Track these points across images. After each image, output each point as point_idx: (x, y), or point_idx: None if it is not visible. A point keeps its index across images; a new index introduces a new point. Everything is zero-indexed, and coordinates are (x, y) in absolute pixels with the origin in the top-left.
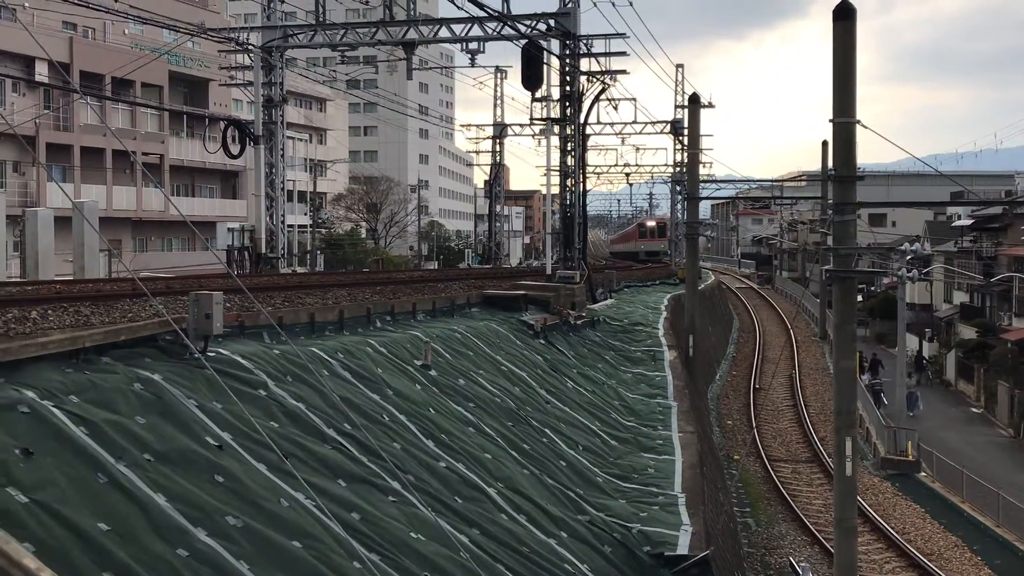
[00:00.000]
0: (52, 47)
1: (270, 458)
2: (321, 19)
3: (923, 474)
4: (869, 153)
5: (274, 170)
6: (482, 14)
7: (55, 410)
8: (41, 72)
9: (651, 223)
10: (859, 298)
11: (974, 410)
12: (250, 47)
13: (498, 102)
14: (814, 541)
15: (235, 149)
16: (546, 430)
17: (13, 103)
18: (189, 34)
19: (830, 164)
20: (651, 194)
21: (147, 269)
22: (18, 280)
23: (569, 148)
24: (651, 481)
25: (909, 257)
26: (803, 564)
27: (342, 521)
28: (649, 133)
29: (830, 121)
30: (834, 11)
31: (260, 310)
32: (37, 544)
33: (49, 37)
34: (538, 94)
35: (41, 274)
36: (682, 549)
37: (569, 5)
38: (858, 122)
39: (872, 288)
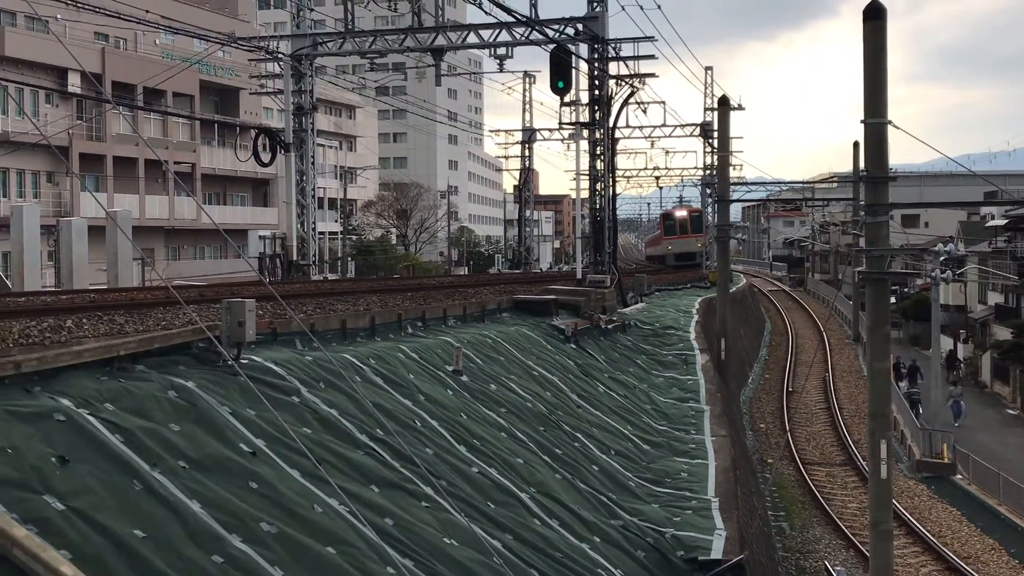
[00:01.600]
0: (84, 58)
1: (304, 464)
2: (350, 27)
3: (959, 476)
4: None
5: (305, 177)
6: (510, 19)
7: (91, 418)
8: (74, 83)
9: (680, 213)
10: (892, 300)
11: (1010, 411)
12: (280, 56)
13: (527, 107)
14: (849, 545)
15: (266, 157)
16: (578, 435)
17: (47, 114)
18: (220, 43)
19: (861, 165)
20: (681, 197)
21: (180, 277)
22: (53, 289)
23: (598, 152)
24: (684, 485)
25: (943, 258)
26: (838, 568)
27: (375, 527)
28: (678, 136)
29: (861, 122)
30: (864, 11)
31: (292, 317)
32: (74, 551)
33: (81, 48)
34: (567, 98)
35: (75, 283)
36: (716, 553)
37: (597, 9)
38: (890, 122)
39: (905, 290)
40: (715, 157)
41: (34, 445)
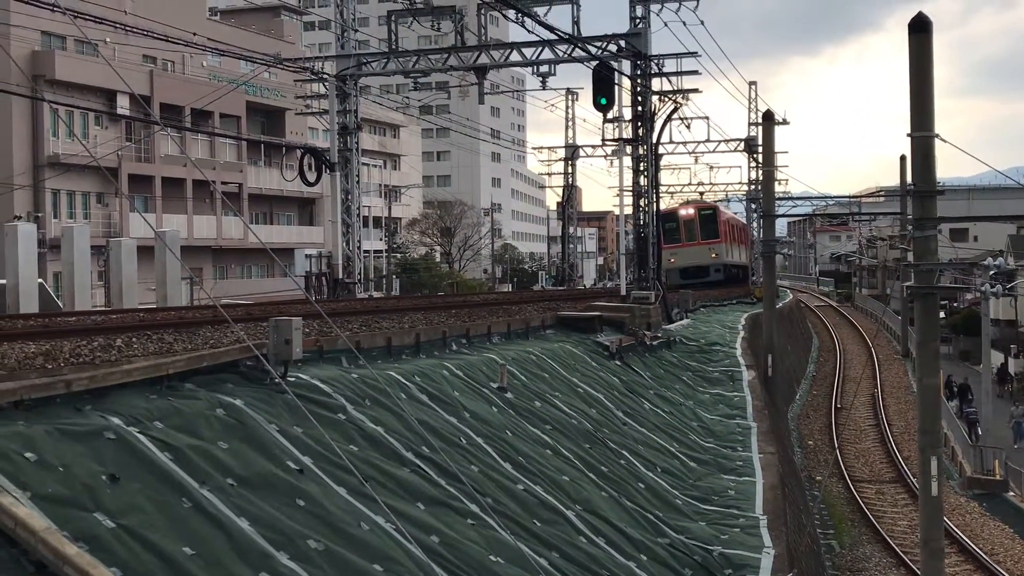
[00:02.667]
0: (133, 80)
1: (350, 482)
2: (394, 47)
3: (1011, 493)
4: (948, 167)
5: (350, 196)
6: (553, 37)
7: (140, 436)
8: (123, 105)
9: (686, 212)
10: (941, 315)
11: None
12: (325, 76)
13: (569, 124)
14: (900, 563)
15: (312, 176)
16: (624, 452)
17: (96, 136)
18: (266, 65)
19: (909, 179)
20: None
21: (228, 296)
22: (103, 309)
23: (642, 168)
24: (731, 503)
25: (992, 272)
26: None
27: (422, 544)
28: (723, 151)
29: (908, 135)
30: (910, 24)
31: (338, 335)
32: (124, 569)
33: (130, 71)
34: (610, 115)
35: (125, 302)
36: (764, 572)
37: (640, 25)
38: (937, 136)
39: (955, 304)
40: (760, 172)
41: (85, 463)
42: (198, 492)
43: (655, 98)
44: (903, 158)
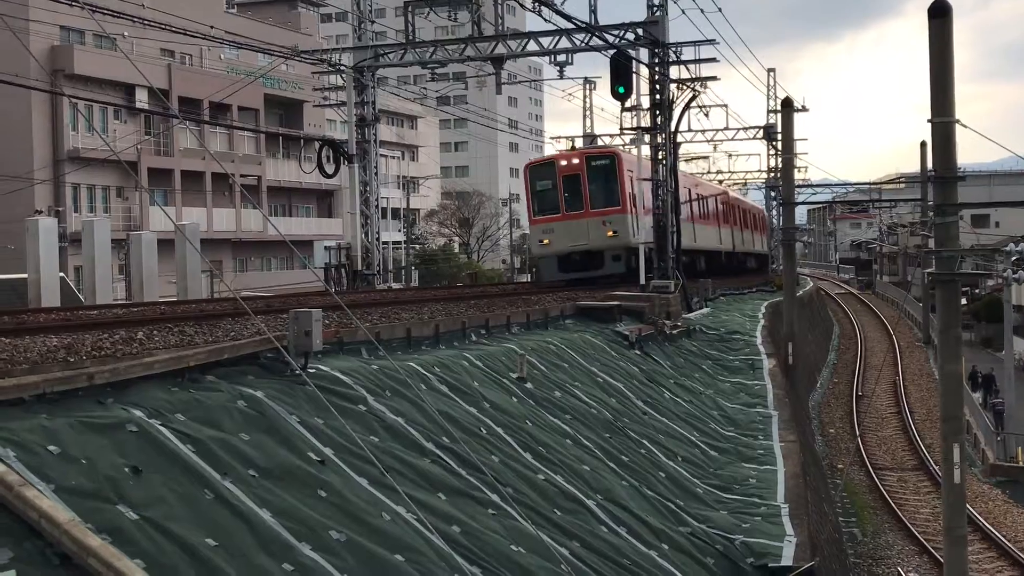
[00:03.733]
0: (152, 74)
1: (371, 472)
2: (411, 37)
3: None
4: (969, 153)
5: (368, 188)
6: (570, 26)
7: (162, 428)
8: (141, 99)
9: (567, 163)
10: (963, 301)
11: None
12: (342, 68)
13: (587, 113)
14: (923, 551)
15: (330, 168)
16: (644, 441)
17: (115, 130)
18: (283, 57)
19: (929, 165)
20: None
21: (248, 288)
22: (124, 302)
23: (660, 156)
24: (753, 491)
25: (1015, 258)
26: (912, 574)
27: (443, 534)
28: (741, 139)
29: (928, 121)
30: (929, 9)
31: (358, 326)
32: (147, 560)
33: (149, 65)
34: (628, 103)
35: (146, 295)
36: (786, 560)
37: (657, 13)
38: (957, 121)
39: (977, 291)
40: (779, 159)
41: (107, 455)
42: (220, 484)
43: (673, 86)
44: (923, 144)
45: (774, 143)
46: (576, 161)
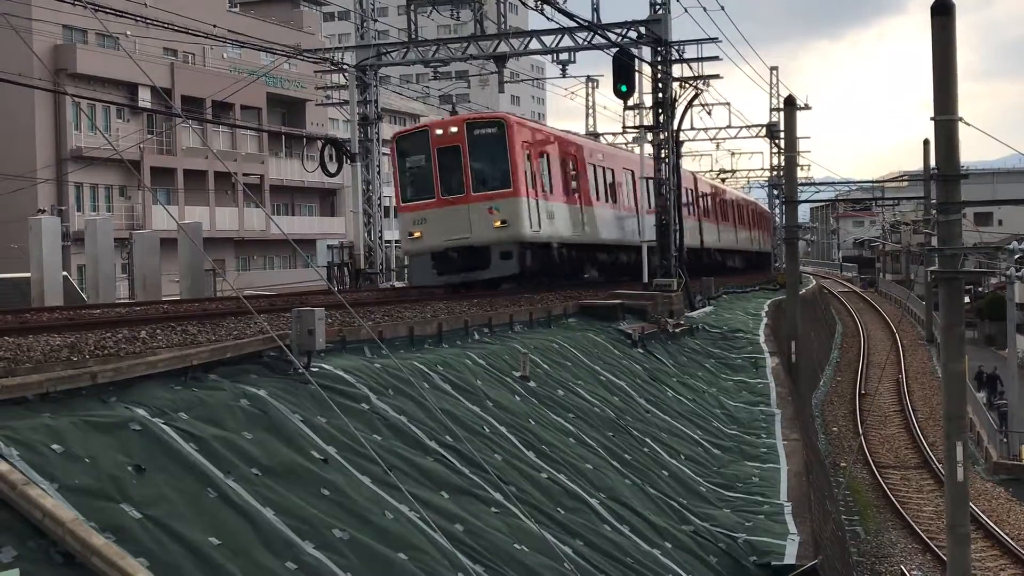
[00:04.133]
0: (154, 73)
1: (374, 471)
2: (413, 36)
3: None
4: (973, 150)
5: (371, 187)
6: (572, 24)
7: (165, 427)
8: (144, 98)
9: (442, 131)
10: (966, 299)
11: None
12: (345, 67)
13: (590, 111)
14: (926, 549)
15: (333, 167)
16: (647, 440)
17: (118, 129)
18: (286, 56)
19: (932, 163)
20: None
21: (250, 287)
22: (127, 301)
23: (663, 155)
24: (756, 490)
25: (1017, 256)
26: (915, 572)
27: (446, 533)
28: (744, 137)
29: (931, 119)
30: (932, 7)
31: (361, 325)
32: (151, 559)
33: (151, 64)
34: (630, 102)
35: (148, 294)
36: (789, 559)
37: (659, 12)
38: (960, 119)
39: (980, 289)
40: (782, 158)
41: (111, 454)
42: (223, 482)
43: (676, 84)
44: (926, 142)
45: (777, 141)
46: (455, 129)
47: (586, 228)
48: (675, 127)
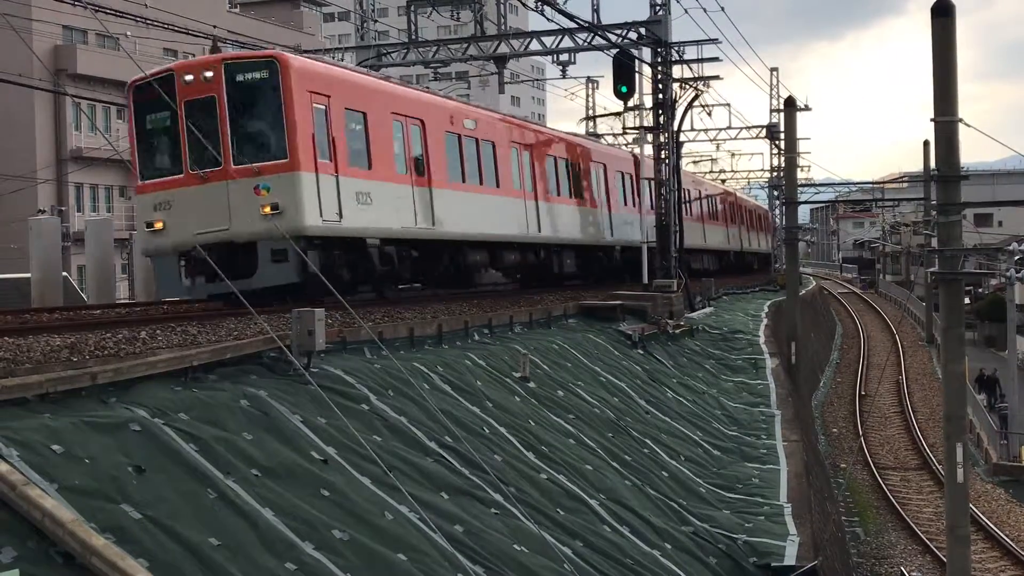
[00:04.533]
0: None
1: (374, 472)
2: (413, 37)
3: None
4: (972, 152)
5: None
6: (573, 25)
7: (165, 428)
8: None
9: (190, 77)
10: (966, 300)
11: None
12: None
13: (590, 112)
14: (925, 550)
15: None
16: (647, 440)
17: (118, 129)
18: None
19: (932, 164)
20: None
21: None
22: (127, 302)
23: (663, 156)
24: (756, 491)
25: (1017, 257)
26: (915, 573)
27: (446, 534)
28: (744, 138)
29: (931, 120)
30: (932, 8)
31: (361, 325)
32: (151, 559)
33: (151, 64)
34: (630, 103)
35: (149, 295)
36: (789, 560)
37: (660, 13)
38: (960, 120)
39: (980, 290)
40: (782, 159)
41: (111, 455)
42: (223, 483)
43: (676, 85)
44: (926, 143)
45: (777, 142)
46: (209, 74)
47: (443, 220)
48: (675, 128)
